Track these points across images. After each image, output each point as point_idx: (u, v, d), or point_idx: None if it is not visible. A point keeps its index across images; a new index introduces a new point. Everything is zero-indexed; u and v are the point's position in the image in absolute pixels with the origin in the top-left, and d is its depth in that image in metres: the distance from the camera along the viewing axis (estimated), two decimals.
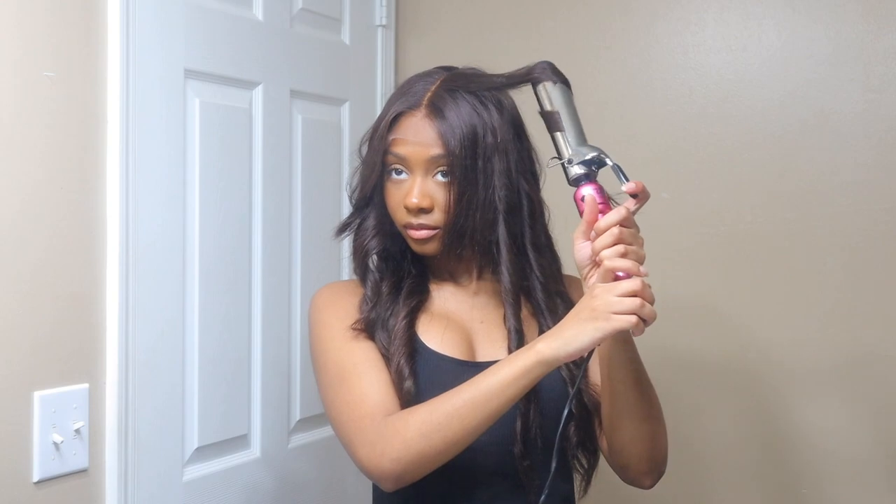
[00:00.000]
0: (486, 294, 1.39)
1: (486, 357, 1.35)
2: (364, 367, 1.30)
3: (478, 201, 1.29)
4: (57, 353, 1.41)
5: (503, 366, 1.19)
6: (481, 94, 1.31)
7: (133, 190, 1.50)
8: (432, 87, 1.32)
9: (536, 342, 1.18)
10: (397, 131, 1.31)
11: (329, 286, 1.44)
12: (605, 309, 1.14)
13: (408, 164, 1.31)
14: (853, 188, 1.84)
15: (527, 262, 1.36)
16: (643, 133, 2.01)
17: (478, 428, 1.19)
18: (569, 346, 1.15)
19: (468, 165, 1.28)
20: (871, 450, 1.85)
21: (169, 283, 1.59)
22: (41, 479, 1.38)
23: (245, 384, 1.77)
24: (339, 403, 1.30)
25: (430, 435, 1.19)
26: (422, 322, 1.36)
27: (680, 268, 1.97)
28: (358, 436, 1.25)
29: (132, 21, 1.49)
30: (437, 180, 1.30)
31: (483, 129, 1.29)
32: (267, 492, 1.81)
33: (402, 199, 1.31)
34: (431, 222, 1.31)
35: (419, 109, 1.30)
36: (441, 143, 1.28)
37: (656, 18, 2.01)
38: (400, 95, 1.34)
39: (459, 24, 2.18)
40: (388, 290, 1.36)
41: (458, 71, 1.36)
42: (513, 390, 1.18)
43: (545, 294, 1.38)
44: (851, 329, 1.85)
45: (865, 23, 1.84)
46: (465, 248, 1.32)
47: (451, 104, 1.29)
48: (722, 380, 1.96)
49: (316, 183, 1.94)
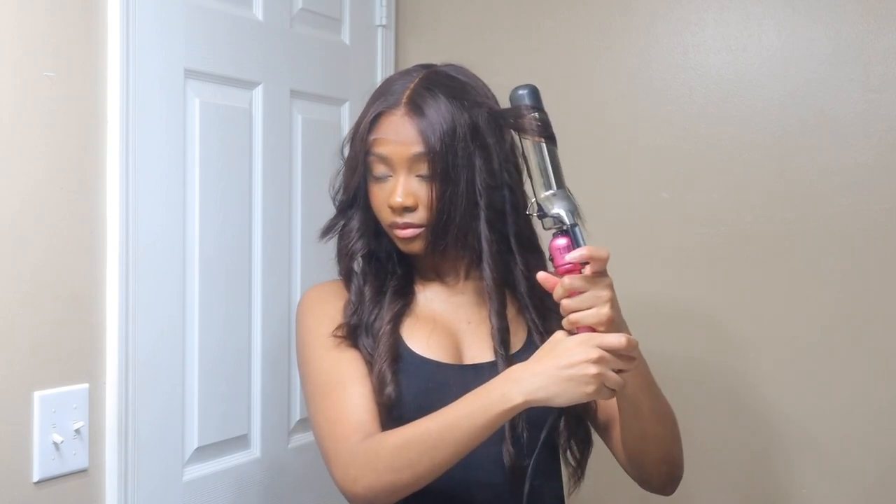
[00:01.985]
0: (473, 294, 1.39)
1: (472, 359, 1.36)
2: (345, 383, 1.31)
3: (459, 197, 1.29)
4: (57, 353, 1.41)
5: (478, 406, 1.18)
6: (461, 89, 1.31)
7: (133, 190, 1.50)
8: (411, 84, 1.32)
9: (519, 382, 1.17)
10: (378, 131, 1.32)
11: (315, 288, 1.45)
12: (601, 381, 1.14)
13: (390, 163, 1.31)
14: (853, 188, 1.84)
15: (511, 258, 1.35)
16: (643, 133, 2.01)
17: (449, 464, 1.21)
18: (556, 401, 1.16)
19: (449, 162, 1.28)
20: (871, 450, 1.85)
21: (169, 283, 1.59)
22: (41, 479, 1.38)
23: (245, 384, 1.77)
24: (320, 419, 1.31)
25: (401, 470, 1.21)
26: (407, 325, 1.36)
27: (679, 268, 1.97)
28: (334, 456, 1.27)
29: (132, 21, 1.49)
30: (419, 178, 1.30)
31: (463, 125, 1.29)
32: (267, 492, 1.81)
33: (386, 199, 1.32)
34: (416, 220, 1.31)
35: (399, 108, 1.31)
36: (422, 140, 1.28)
37: (656, 18, 2.01)
38: (379, 95, 1.35)
39: (459, 24, 2.18)
40: (373, 293, 1.36)
41: (438, 68, 1.36)
42: (486, 434, 1.19)
43: (530, 290, 1.36)
44: (851, 329, 1.85)
45: (865, 23, 1.84)
46: (449, 245, 1.32)
47: (430, 101, 1.29)
48: (721, 380, 1.95)
49: (316, 183, 1.93)
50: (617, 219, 1.97)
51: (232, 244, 1.73)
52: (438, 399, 1.29)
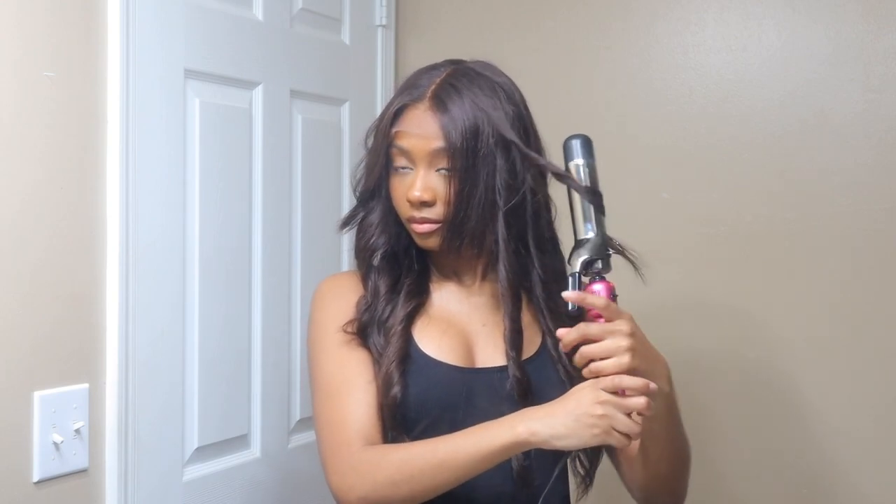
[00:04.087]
0: (489, 296, 1.37)
1: (485, 363, 1.34)
2: (350, 387, 1.30)
3: (478, 195, 1.28)
4: (57, 353, 1.41)
5: (486, 435, 1.18)
6: (488, 87, 1.30)
7: (133, 190, 1.50)
8: (437, 79, 1.31)
9: (528, 419, 1.18)
10: (400, 124, 1.30)
11: (331, 280, 1.43)
12: (608, 423, 1.14)
13: (411, 157, 1.30)
14: (853, 188, 1.84)
15: (529, 259, 1.34)
16: (643, 133, 2.01)
17: (447, 487, 1.21)
18: (561, 441, 1.16)
19: (469, 159, 1.27)
20: (869, 450, 1.85)
21: (169, 283, 1.59)
22: (41, 479, 1.38)
23: (245, 384, 1.77)
24: (322, 421, 1.31)
25: (400, 484, 1.20)
26: (419, 326, 1.34)
27: (679, 268, 1.96)
28: (333, 461, 1.27)
29: (132, 21, 1.49)
30: (439, 174, 1.29)
31: (487, 124, 1.27)
32: (267, 492, 1.81)
33: (405, 193, 1.30)
34: (433, 216, 1.29)
35: (423, 102, 1.29)
36: (443, 135, 1.27)
37: (656, 18, 2.01)
38: (405, 88, 1.33)
39: (459, 24, 2.18)
40: (388, 290, 1.35)
41: (467, 64, 1.35)
42: (489, 463, 1.19)
43: (546, 293, 1.35)
44: (851, 329, 1.85)
45: (865, 23, 1.84)
46: (466, 243, 1.31)
47: (455, 97, 1.28)
48: (720, 380, 1.95)
49: (316, 183, 1.94)
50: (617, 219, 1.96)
51: (232, 244, 1.73)
52: (446, 402, 1.29)
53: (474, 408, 1.29)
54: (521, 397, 1.29)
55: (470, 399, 1.30)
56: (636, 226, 1.98)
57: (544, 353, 1.35)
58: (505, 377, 1.31)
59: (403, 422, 1.28)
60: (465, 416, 1.28)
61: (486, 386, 1.31)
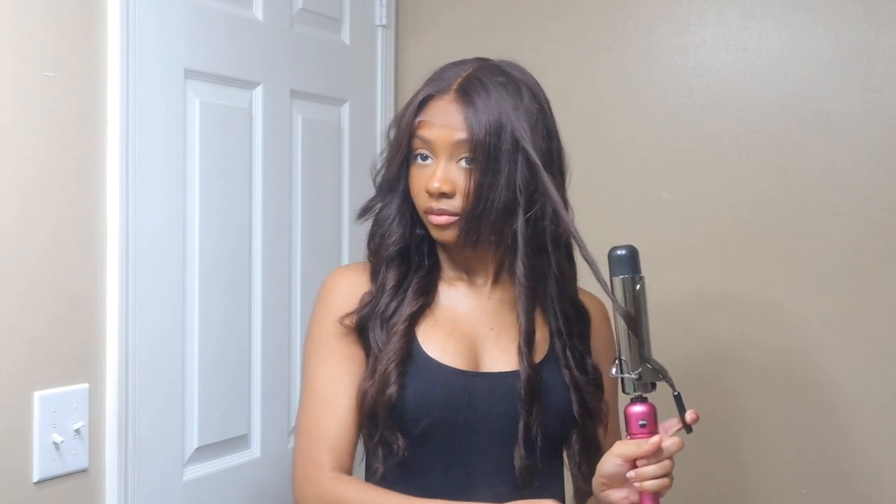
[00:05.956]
0: (500, 299, 1.36)
1: (490, 367, 1.33)
2: (337, 401, 1.31)
3: (498, 190, 1.27)
4: (57, 353, 1.41)
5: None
6: (513, 86, 1.30)
7: (133, 190, 1.50)
8: (464, 73, 1.31)
9: None
10: (424, 114, 1.30)
11: (337, 273, 1.43)
12: None
13: (432, 147, 1.29)
14: (853, 188, 1.85)
15: (546, 261, 1.33)
16: (643, 133, 2.01)
17: None
18: None
19: (491, 153, 1.26)
20: (869, 450, 1.85)
21: (169, 283, 1.59)
22: (41, 479, 1.37)
23: (245, 384, 1.77)
24: (302, 428, 1.34)
25: None
26: (424, 326, 1.33)
27: (679, 268, 1.97)
28: (301, 473, 1.30)
29: (132, 21, 1.49)
30: (460, 166, 1.28)
31: (510, 120, 1.27)
32: (267, 492, 1.81)
33: (424, 183, 1.30)
34: (451, 208, 1.29)
35: (448, 93, 1.29)
36: (466, 127, 1.27)
37: (657, 19, 2.01)
38: (431, 80, 1.33)
39: (459, 24, 2.18)
40: (395, 285, 1.34)
41: (494, 61, 1.35)
42: None
43: (560, 296, 1.35)
44: (851, 329, 1.85)
45: (865, 23, 1.84)
46: (483, 238, 1.30)
47: (480, 91, 1.28)
48: (719, 380, 1.95)
49: (316, 183, 1.94)
50: (617, 219, 1.97)
51: (232, 244, 1.73)
52: (447, 405, 1.28)
53: (476, 412, 1.29)
54: (527, 400, 1.29)
55: (472, 403, 1.30)
56: (636, 226, 2.00)
57: (552, 358, 1.35)
58: (509, 382, 1.30)
59: (400, 422, 1.28)
60: (467, 420, 1.29)
61: (490, 390, 1.31)
